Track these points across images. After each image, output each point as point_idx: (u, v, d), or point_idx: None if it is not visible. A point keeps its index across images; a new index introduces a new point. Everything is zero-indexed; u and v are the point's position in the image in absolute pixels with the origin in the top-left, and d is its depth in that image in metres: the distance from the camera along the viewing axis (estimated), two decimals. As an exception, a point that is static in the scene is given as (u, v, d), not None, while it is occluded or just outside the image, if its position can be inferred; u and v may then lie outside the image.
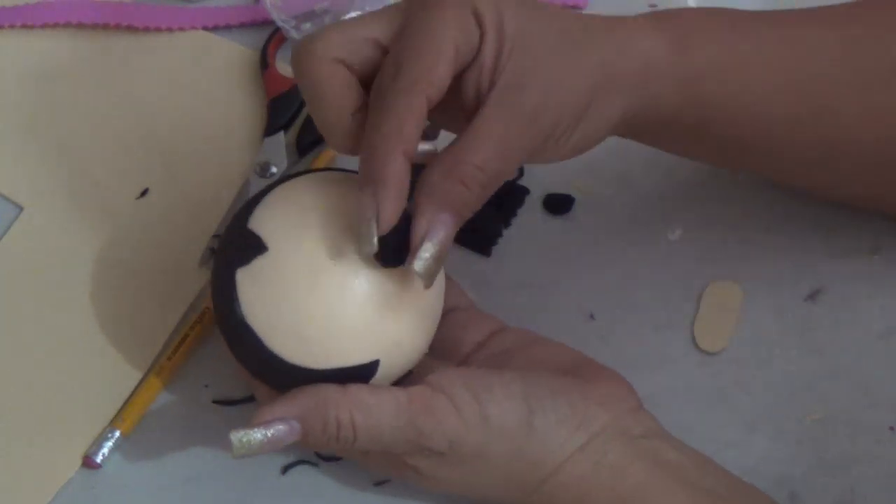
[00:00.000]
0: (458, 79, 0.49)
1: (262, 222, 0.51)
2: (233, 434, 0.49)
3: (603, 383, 0.53)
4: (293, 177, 0.54)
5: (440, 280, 0.53)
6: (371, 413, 0.49)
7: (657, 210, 0.64)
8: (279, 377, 0.51)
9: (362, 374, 0.50)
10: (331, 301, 0.49)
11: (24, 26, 0.71)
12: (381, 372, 0.51)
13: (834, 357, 0.60)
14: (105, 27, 0.71)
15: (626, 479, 0.50)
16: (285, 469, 0.57)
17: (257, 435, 0.49)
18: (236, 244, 0.51)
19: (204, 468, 0.57)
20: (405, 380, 0.53)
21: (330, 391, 0.50)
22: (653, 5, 0.72)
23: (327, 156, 0.66)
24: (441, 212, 0.48)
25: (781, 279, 0.62)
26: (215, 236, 0.64)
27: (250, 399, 0.59)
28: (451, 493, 0.53)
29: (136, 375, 0.60)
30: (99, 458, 0.57)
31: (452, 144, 0.49)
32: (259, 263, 0.50)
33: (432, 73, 0.48)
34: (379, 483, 0.56)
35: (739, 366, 0.60)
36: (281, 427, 0.49)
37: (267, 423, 0.49)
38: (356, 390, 0.50)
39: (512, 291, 0.62)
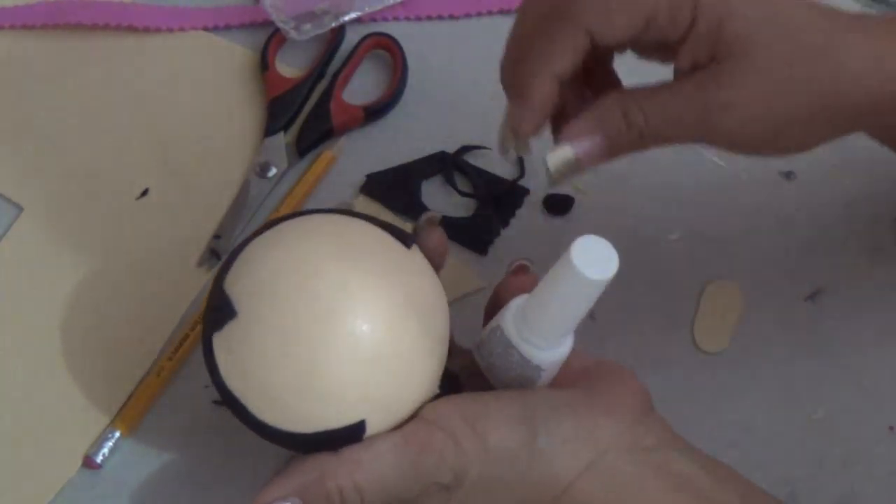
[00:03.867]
0: (678, 43, 0.49)
1: (235, 284, 0.49)
2: None
3: (609, 390, 0.50)
4: (276, 222, 0.51)
5: (439, 320, 0.50)
6: (371, 469, 0.47)
7: (657, 210, 0.64)
8: (271, 440, 0.49)
9: (349, 435, 0.48)
10: (302, 366, 0.47)
11: (24, 26, 0.71)
12: (371, 430, 0.48)
13: (834, 357, 0.60)
14: (105, 27, 0.71)
15: (638, 498, 0.48)
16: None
17: None
18: (213, 306, 0.49)
19: (204, 468, 0.57)
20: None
21: (324, 461, 0.47)
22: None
23: (327, 156, 0.66)
24: (596, 131, 0.49)
25: (781, 279, 0.62)
26: (215, 237, 0.64)
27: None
28: None
29: (136, 375, 0.60)
30: (99, 458, 0.57)
31: (640, 88, 0.50)
32: (230, 329, 0.48)
33: (608, 26, 0.48)
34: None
35: (739, 366, 0.60)
36: None
37: None
38: (350, 452, 0.47)
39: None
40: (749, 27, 0.47)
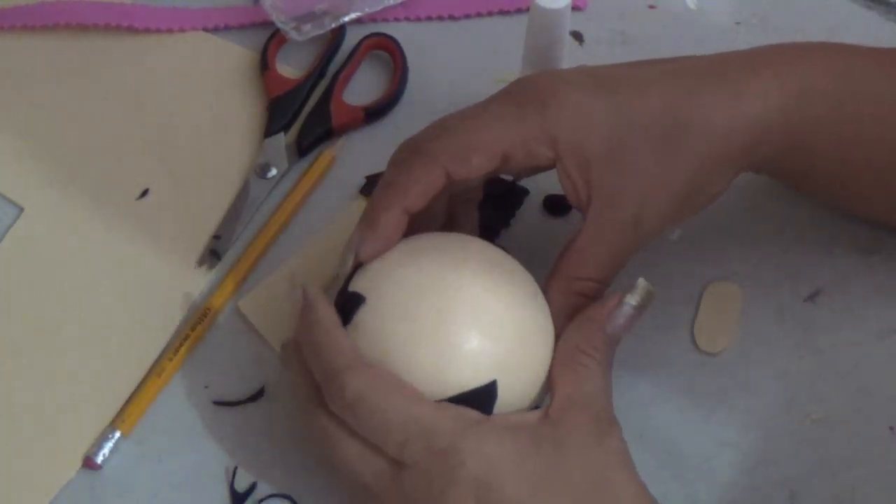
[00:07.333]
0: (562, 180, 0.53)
1: (360, 282, 0.52)
2: None
3: None
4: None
5: (542, 304, 0.53)
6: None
7: (657, 210, 0.64)
8: None
9: (482, 397, 0.50)
10: (432, 331, 0.50)
11: (24, 26, 0.71)
12: (503, 393, 0.50)
13: (834, 357, 0.60)
14: (105, 27, 0.71)
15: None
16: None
17: None
18: (340, 308, 0.52)
19: (204, 468, 0.57)
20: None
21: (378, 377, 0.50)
22: (652, 6, 0.72)
23: (327, 157, 0.66)
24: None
25: (781, 279, 0.62)
26: (215, 236, 0.64)
27: (250, 399, 0.59)
28: None
29: (136, 375, 0.60)
30: (99, 459, 0.57)
31: (562, 261, 0.54)
32: (361, 315, 0.51)
33: (463, 164, 0.52)
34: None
35: (739, 366, 0.60)
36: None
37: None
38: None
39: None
40: (600, 165, 0.52)
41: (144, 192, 0.66)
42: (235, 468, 0.57)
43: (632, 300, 0.52)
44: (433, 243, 0.53)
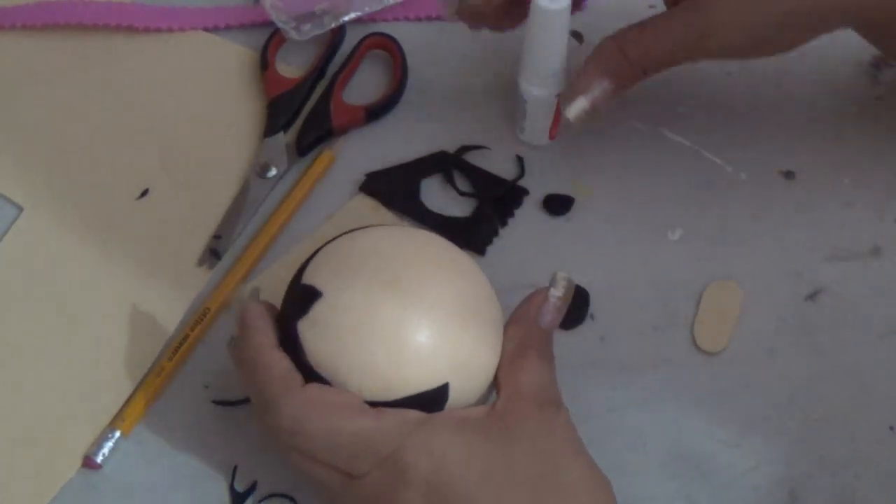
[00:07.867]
0: None
1: (315, 275, 0.52)
2: None
3: None
4: (337, 237, 0.54)
5: (497, 304, 0.54)
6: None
7: (657, 210, 0.64)
8: None
9: (434, 399, 0.50)
10: (390, 331, 0.50)
11: (24, 26, 0.71)
12: (454, 395, 0.50)
13: (834, 357, 0.60)
14: (105, 27, 0.71)
15: None
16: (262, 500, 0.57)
17: None
18: (294, 300, 0.52)
19: (204, 468, 0.57)
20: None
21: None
22: (652, 6, 0.72)
23: (327, 157, 0.66)
24: (602, 77, 0.58)
25: (781, 279, 0.62)
26: (215, 236, 0.64)
27: (250, 399, 0.59)
28: None
29: (136, 375, 0.60)
30: (99, 458, 0.57)
31: (625, 29, 0.58)
32: (317, 309, 0.51)
33: None
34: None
35: (739, 366, 0.60)
36: None
37: None
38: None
39: (512, 291, 0.62)
40: None
41: (144, 192, 0.66)
42: (235, 468, 0.57)
43: (556, 292, 0.53)
44: (393, 238, 0.53)
